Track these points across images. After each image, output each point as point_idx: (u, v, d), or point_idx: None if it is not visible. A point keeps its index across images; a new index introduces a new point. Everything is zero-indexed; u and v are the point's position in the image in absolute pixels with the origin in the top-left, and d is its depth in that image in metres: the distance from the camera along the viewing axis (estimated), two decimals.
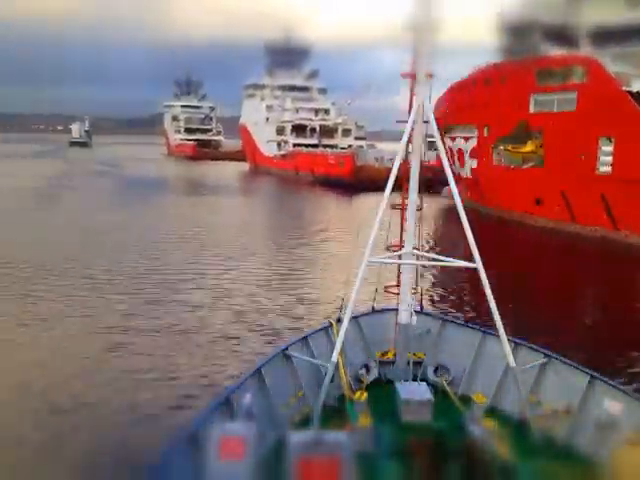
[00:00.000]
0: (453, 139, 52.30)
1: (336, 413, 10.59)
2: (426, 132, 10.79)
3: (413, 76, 10.37)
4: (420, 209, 11.50)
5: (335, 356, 10.34)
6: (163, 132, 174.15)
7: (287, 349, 11.17)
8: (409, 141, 10.64)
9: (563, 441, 10.09)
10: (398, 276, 12.07)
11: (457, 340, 12.46)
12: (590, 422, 9.96)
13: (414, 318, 11.37)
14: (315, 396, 10.59)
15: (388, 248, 12.02)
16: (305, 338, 11.76)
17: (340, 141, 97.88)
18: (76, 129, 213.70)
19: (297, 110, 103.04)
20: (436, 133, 10.30)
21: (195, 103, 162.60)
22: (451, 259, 11.17)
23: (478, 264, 10.08)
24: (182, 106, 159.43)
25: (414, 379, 11.78)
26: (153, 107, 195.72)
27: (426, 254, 11.48)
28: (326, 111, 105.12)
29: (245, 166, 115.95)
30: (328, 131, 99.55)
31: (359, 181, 68.69)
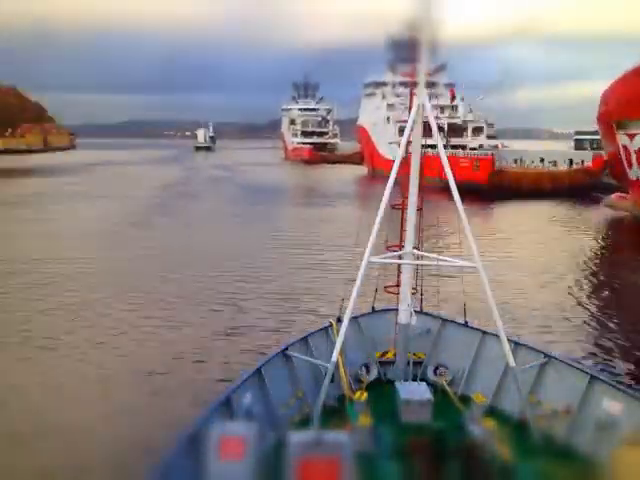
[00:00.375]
0: (631, 137, 42.14)
1: (336, 413, 10.59)
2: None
3: (413, 76, 10.38)
4: (420, 209, 11.50)
5: (335, 356, 10.34)
6: (280, 136, 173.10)
7: (287, 349, 11.17)
8: (409, 141, 10.65)
9: (563, 441, 10.09)
10: (398, 276, 12.08)
11: (457, 340, 12.46)
12: (590, 422, 9.96)
13: (414, 318, 11.37)
14: (315, 396, 10.59)
15: (388, 248, 12.03)
16: (305, 338, 11.76)
17: (470, 141, 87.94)
18: (201, 134, 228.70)
19: None
20: (436, 133, 10.31)
21: (312, 106, 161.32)
22: (451, 259, 11.18)
23: (478, 264, 10.08)
24: (299, 109, 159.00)
25: (414, 379, 11.78)
26: (274, 112, 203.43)
27: (426, 254, 11.47)
28: (453, 108, 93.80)
29: (362, 170, 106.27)
30: (456, 130, 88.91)
31: (498, 187, 59.60)
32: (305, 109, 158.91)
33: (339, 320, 11.66)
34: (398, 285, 11.95)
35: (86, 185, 74.68)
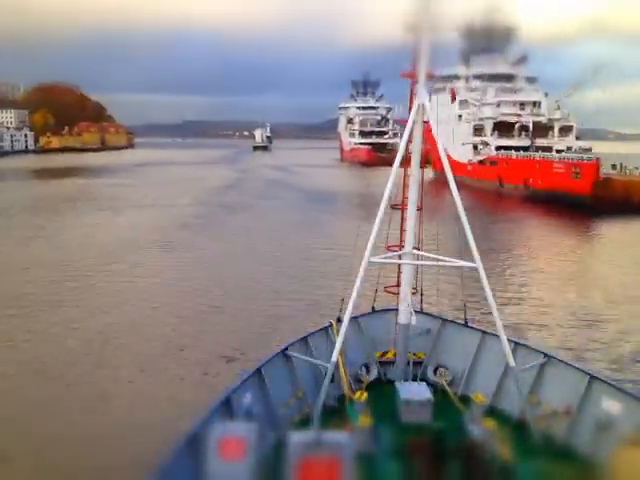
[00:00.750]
0: None
1: (336, 413, 10.59)
2: None
3: (413, 76, 10.38)
4: (420, 209, 11.50)
5: (335, 356, 10.35)
6: (338, 136, 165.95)
7: (287, 349, 11.18)
8: (409, 141, 10.65)
9: (563, 441, 10.09)
10: (398, 276, 12.08)
11: (457, 340, 12.46)
12: (590, 422, 9.96)
13: (414, 318, 11.37)
14: (315, 396, 10.59)
15: (388, 248, 12.03)
16: (305, 338, 11.76)
17: (557, 142, 75.91)
18: (259, 134, 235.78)
19: (498, 104, 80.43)
20: (436, 133, 10.30)
21: (371, 104, 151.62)
22: (451, 259, 11.17)
23: (478, 264, 10.09)
24: (357, 107, 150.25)
25: (414, 379, 11.79)
26: (331, 112, 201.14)
27: (426, 254, 11.47)
28: (535, 104, 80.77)
29: (427, 173, 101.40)
30: (540, 129, 77.77)
31: (603, 199, 49.15)
32: (364, 107, 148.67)
33: (339, 320, 11.66)
34: (398, 285, 11.95)
35: (134, 188, 71.19)
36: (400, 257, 11.39)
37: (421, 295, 12.91)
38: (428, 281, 14.28)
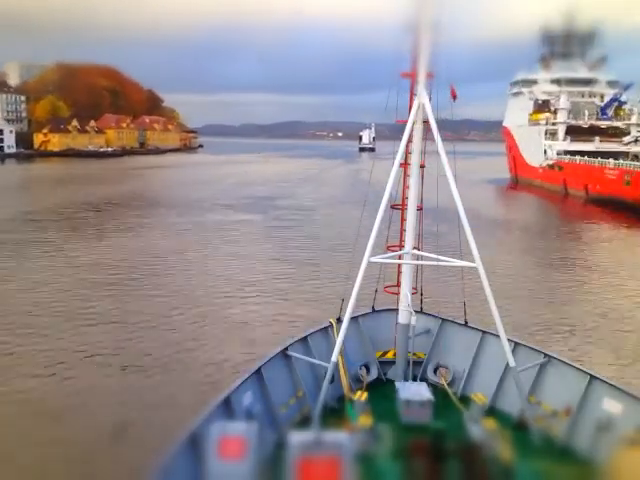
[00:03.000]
0: None
1: (336, 413, 10.60)
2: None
3: (413, 76, 10.38)
4: (420, 209, 11.50)
5: (335, 356, 10.35)
6: (505, 136, 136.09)
7: (287, 349, 11.18)
8: (409, 141, 10.65)
9: (562, 441, 10.09)
10: (398, 276, 12.08)
11: (457, 340, 12.46)
12: (589, 422, 9.96)
13: (414, 318, 11.37)
14: (315, 396, 10.60)
15: (388, 248, 12.03)
16: (305, 338, 11.76)
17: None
18: (366, 136, 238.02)
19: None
20: (436, 133, 10.30)
21: (584, 74, 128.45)
22: (451, 259, 11.17)
23: (478, 264, 10.09)
24: (555, 81, 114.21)
25: (414, 379, 11.79)
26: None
27: (426, 254, 11.47)
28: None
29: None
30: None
31: None
32: (571, 81, 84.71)
33: (339, 320, 11.66)
34: (398, 285, 11.96)
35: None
36: (400, 257, 11.39)
37: (421, 295, 12.91)
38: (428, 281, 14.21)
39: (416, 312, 11.67)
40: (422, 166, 11.26)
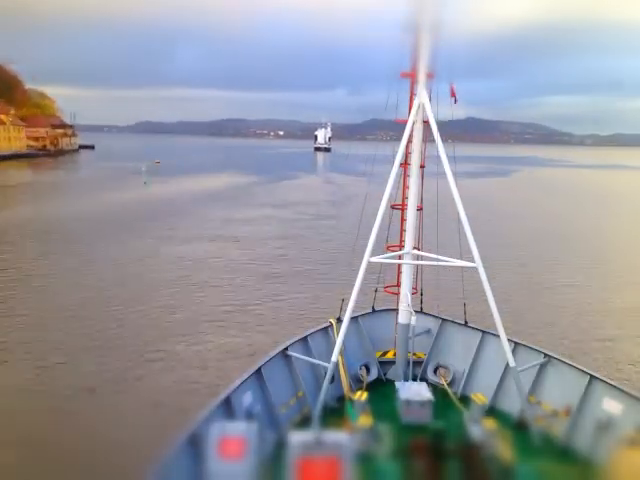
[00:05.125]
0: None
1: (336, 413, 10.60)
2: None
3: (413, 76, 10.38)
4: (420, 209, 11.50)
5: (335, 356, 10.35)
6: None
7: (287, 349, 11.18)
8: (409, 141, 10.65)
9: (562, 441, 10.09)
10: (398, 276, 12.08)
11: (457, 340, 12.47)
12: (589, 422, 9.96)
13: (414, 318, 11.37)
14: (315, 396, 10.60)
15: (388, 248, 12.03)
16: (305, 338, 11.76)
17: None
18: (321, 135, 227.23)
19: None
20: (436, 133, 10.30)
21: None
22: (451, 259, 11.17)
23: (478, 264, 10.09)
24: None
25: (414, 379, 11.79)
26: (375, 112, 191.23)
27: (426, 254, 11.47)
28: None
29: None
30: None
31: None
32: None
33: (339, 320, 11.67)
34: (398, 285, 11.96)
35: None
36: (400, 257, 11.39)
37: (421, 295, 12.92)
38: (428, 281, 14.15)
39: (416, 312, 11.67)
40: (422, 166, 11.25)
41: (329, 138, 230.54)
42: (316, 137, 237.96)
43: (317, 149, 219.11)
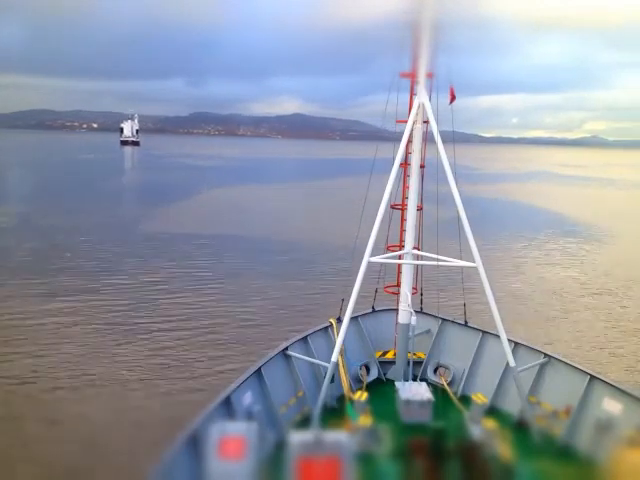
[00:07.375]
0: None
1: (336, 413, 10.59)
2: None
3: (413, 76, 10.37)
4: (420, 209, 11.49)
5: (335, 356, 10.35)
6: None
7: (287, 349, 11.17)
8: (409, 141, 10.64)
9: (562, 441, 10.09)
10: (398, 276, 12.07)
11: (457, 340, 12.46)
12: (589, 422, 9.96)
13: (414, 318, 11.37)
14: (315, 396, 10.59)
15: (388, 248, 12.02)
16: (305, 338, 11.75)
17: None
18: (127, 128, 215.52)
19: None
20: (436, 133, 10.29)
21: None
22: (451, 259, 11.17)
23: (478, 264, 10.09)
24: None
25: (414, 379, 11.78)
26: (197, 104, 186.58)
27: (426, 254, 11.46)
28: None
29: None
30: None
31: None
32: None
33: (339, 320, 11.66)
34: (398, 285, 11.95)
35: None
36: (400, 257, 11.38)
37: (421, 295, 12.90)
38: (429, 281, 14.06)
39: (416, 312, 11.67)
40: (422, 166, 11.25)
41: (137, 130, 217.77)
42: (122, 130, 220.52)
43: (124, 143, 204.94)
